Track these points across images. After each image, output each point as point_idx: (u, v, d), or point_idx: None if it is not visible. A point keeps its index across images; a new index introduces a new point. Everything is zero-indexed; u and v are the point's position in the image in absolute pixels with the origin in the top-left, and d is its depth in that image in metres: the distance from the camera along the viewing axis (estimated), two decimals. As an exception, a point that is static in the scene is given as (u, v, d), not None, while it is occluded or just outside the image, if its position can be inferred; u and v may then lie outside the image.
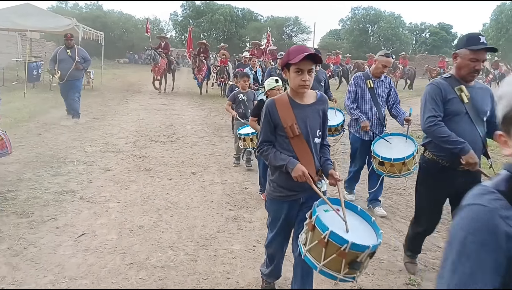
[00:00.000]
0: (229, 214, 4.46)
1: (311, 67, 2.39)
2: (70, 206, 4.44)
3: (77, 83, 9.46)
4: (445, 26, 61.59)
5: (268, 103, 2.55)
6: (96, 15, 46.96)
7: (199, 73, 16.47)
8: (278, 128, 2.50)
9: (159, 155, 6.90)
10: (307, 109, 2.52)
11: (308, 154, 2.48)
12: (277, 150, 2.51)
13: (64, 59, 9.24)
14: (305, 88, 2.42)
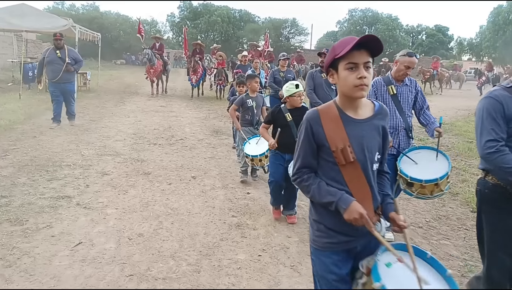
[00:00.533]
0: (232, 221, 4.29)
1: (369, 60, 1.75)
2: (66, 213, 4.26)
3: (70, 87, 8.97)
4: (441, 28, 61.78)
5: (310, 116, 1.90)
6: (92, 16, 46.80)
7: (194, 74, 15.97)
8: (323, 151, 1.87)
9: (158, 158, 6.73)
10: (364, 126, 1.85)
11: (364, 187, 1.84)
12: (322, 180, 1.88)
13: (54, 60, 8.66)
14: (364, 90, 1.75)
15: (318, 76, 6.35)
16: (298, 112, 4.11)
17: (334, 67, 1.84)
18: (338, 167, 1.84)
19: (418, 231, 4.28)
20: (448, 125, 11.69)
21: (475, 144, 8.93)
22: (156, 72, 16.00)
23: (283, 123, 4.15)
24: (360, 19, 57.25)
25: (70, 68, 8.70)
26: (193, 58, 15.88)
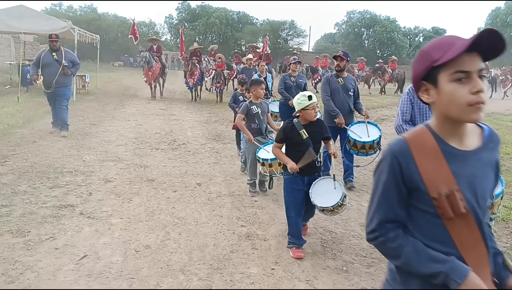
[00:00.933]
0: (241, 231, 4.15)
1: (482, 66, 1.26)
2: (70, 223, 4.11)
3: (65, 91, 8.33)
4: (438, 30, 61.98)
5: (397, 148, 1.35)
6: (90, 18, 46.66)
7: (190, 77, 15.37)
8: (418, 198, 1.34)
9: (161, 164, 6.59)
10: (473, 160, 1.33)
11: (480, 248, 1.32)
12: (417, 240, 1.34)
13: (50, 63, 8.06)
14: (481, 111, 1.24)
15: (335, 80, 5.75)
16: (314, 127, 3.68)
17: (431, 79, 1.30)
18: (442, 221, 1.30)
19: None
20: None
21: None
22: (154, 75, 15.54)
23: (298, 141, 3.65)
24: (358, 21, 57.34)
25: (67, 72, 8.17)
26: (191, 60, 15.43)
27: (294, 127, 3.69)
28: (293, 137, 3.69)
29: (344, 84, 5.73)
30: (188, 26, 53.79)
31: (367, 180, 6.16)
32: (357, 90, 5.88)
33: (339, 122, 5.49)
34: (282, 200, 4.75)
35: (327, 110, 5.68)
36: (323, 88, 5.80)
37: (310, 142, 3.64)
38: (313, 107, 3.58)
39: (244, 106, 5.29)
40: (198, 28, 52.19)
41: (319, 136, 3.75)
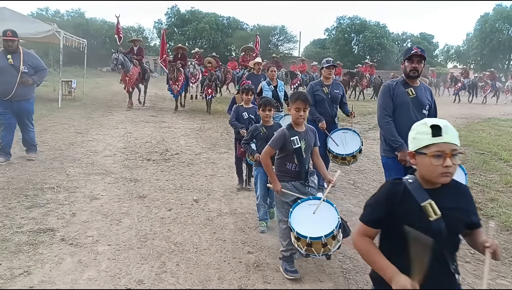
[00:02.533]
0: (248, 259, 3.60)
1: None
2: (48, 252, 3.52)
3: (27, 106, 6.51)
4: (426, 36, 62.43)
5: None
6: (78, 22, 45.85)
7: (175, 84, 13.80)
8: None
9: (153, 177, 6.01)
10: None
11: None
12: None
13: (3, 68, 6.14)
14: None
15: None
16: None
17: None
18: None
19: (467, 267, 3.65)
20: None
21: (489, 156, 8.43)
22: (132, 80, 13.82)
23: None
24: (348, 27, 57.21)
25: (27, 80, 6.27)
26: (175, 65, 13.80)
27: None
28: None
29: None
30: (177, 32, 53.21)
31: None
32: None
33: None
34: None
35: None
36: None
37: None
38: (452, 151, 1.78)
39: (281, 135, 3.35)
40: (188, 33, 51.59)
41: None
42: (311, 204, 3.05)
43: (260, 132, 4.33)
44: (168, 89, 14.43)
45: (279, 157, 3.44)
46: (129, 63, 13.51)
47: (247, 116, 5.31)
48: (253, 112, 5.33)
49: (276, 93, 6.90)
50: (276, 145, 3.35)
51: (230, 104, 6.21)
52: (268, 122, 4.38)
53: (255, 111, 5.26)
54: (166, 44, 16.34)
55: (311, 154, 3.45)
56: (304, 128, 3.39)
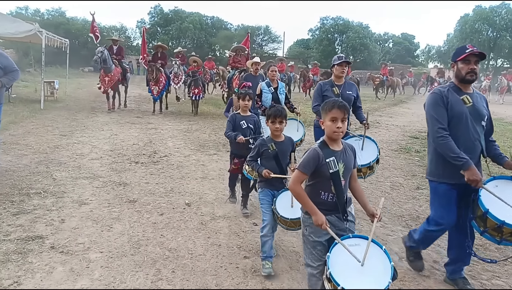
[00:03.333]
0: (245, 264, 3.55)
1: None
2: (38, 261, 3.40)
3: None
4: (407, 36, 63.35)
5: None
6: (59, 22, 45.03)
7: (155, 85, 13.06)
8: None
9: (143, 180, 5.90)
10: None
11: None
12: None
13: None
14: None
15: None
16: None
17: None
18: None
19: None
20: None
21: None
22: (113, 81, 12.87)
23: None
24: (332, 27, 57.64)
25: None
26: (154, 65, 13.01)
27: None
28: None
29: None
30: (161, 31, 52.75)
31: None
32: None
33: None
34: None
35: None
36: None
37: None
38: None
39: (313, 155, 2.58)
40: (172, 33, 51.20)
41: None
42: (351, 244, 2.42)
43: (269, 149, 3.56)
44: (149, 91, 13.66)
45: (309, 184, 2.68)
46: (111, 62, 12.81)
47: (245, 126, 4.63)
48: (252, 121, 4.67)
49: (276, 95, 6.38)
50: (308, 168, 2.55)
51: (227, 106, 5.92)
52: (278, 137, 3.59)
53: (254, 120, 4.69)
54: (146, 43, 15.44)
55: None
56: (342, 146, 2.63)
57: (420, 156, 8.29)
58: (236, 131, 4.57)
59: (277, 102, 6.03)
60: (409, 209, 5.27)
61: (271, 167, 3.51)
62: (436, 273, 3.59)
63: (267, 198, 3.54)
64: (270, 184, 3.57)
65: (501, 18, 46.16)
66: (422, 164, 7.60)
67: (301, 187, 2.59)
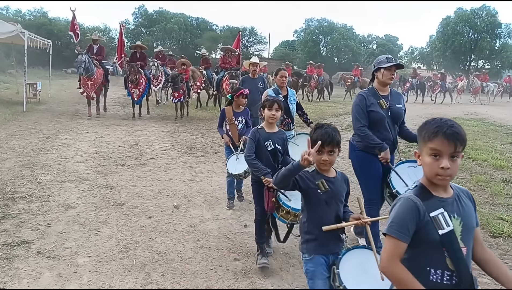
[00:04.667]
0: (235, 266, 3.54)
1: None
2: (25, 266, 3.34)
3: None
4: (391, 38, 64.07)
5: None
6: (41, 22, 44.29)
7: (136, 88, 11.97)
8: None
9: (130, 183, 5.85)
10: None
11: None
12: None
13: None
14: None
15: None
16: None
17: None
18: None
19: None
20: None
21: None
22: (96, 85, 11.95)
23: None
24: (317, 29, 58.02)
25: None
26: (136, 65, 12.00)
27: None
28: None
29: None
30: (145, 32, 52.37)
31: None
32: None
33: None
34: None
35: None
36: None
37: None
38: None
39: (409, 208, 1.67)
40: (156, 34, 50.87)
41: None
42: None
43: (318, 189, 2.40)
44: (128, 94, 12.59)
45: (407, 257, 1.68)
46: (93, 66, 11.92)
47: (271, 147, 3.39)
48: (280, 139, 3.45)
49: (286, 104, 5.17)
50: (405, 232, 1.63)
51: (219, 120, 5.09)
52: (327, 171, 2.45)
53: (283, 139, 3.48)
54: (124, 42, 14.09)
55: None
56: (452, 191, 1.74)
57: (405, 156, 8.39)
58: (259, 155, 3.38)
59: (287, 113, 5.14)
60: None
61: (322, 218, 2.38)
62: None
63: (320, 271, 2.36)
64: (321, 245, 2.39)
65: (482, 20, 47.08)
66: (408, 164, 7.69)
67: (402, 266, 1.63)
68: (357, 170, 3.88)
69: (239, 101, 4.91)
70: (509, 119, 16.75)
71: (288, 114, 5.20)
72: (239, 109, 4.99)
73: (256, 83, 6.71)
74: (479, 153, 8.70)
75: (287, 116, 5.22)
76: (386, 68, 3.63)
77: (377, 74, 3.74)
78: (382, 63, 3.66)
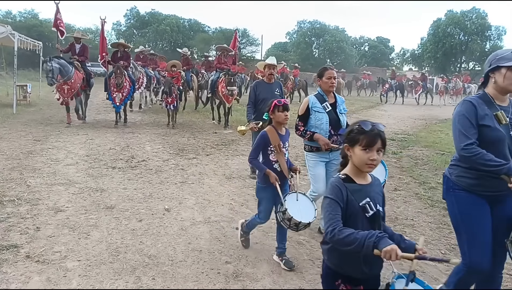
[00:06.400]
0: (227, 269, 3.53)
1: None
2: (14, 271, 3.30)
3: None
4: (383, 40, 64.47)
5: None
6: (31, 24, 43.94)
7: (119, 91, 10.80)
8: None
9: (120, 186, 5.80)
10: None
11: None
12: None
13: None
14: None
15: None
16: None
17: None
18: None
19: (440, 268, 3.75)
20: (413, 136, 11.59)
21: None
22: (74, 90, 10.53)
23: None
24: (309, 31, 58.24)
25: None
26: (122, 66, 10.92)
27: None
28: None
29: None
30: (137, 33, 52.18)
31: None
32: None
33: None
34: (265, 225, 4.21)
35: None
36: None
37: None
38: None
39: None
40: (148, 35, 50.70)
41: None
42: None
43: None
44: (108, 98, 11.25)
45: None
46: (69, 68, 10.42)
47: (373, 210, 2.04)
48: (379, 193, 2.14)
49: (335, 116, 4.07)
50: None
51: (254, 150, 3.61)
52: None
53: (381, 191, 2.18)
54: (106, 39, 12.60)
55: None
56: None
57: (396, 158, 8.44)
58: (351, 224, 1.98)
59: (337, 127, 4.03)
60: (387, 211, 5.34)
61: None
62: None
63: None
64: None
65: (472, 22, 47.62)
66: (399, 165, 7.74)
67: None
68: (457, 218, 2.74)
69: (279, 118, 3.49)
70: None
71: (337, 127, 4.04)
72: (282, 131, 3.60)
73: (272, 89, 5.79)
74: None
75: (336, 132, 4.04)
76: (510, 67, 2.53)
77: (494, 75, 2.63)
78: (506, 60, 2.56)
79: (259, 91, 5.83)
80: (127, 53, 12.02)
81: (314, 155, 4.17)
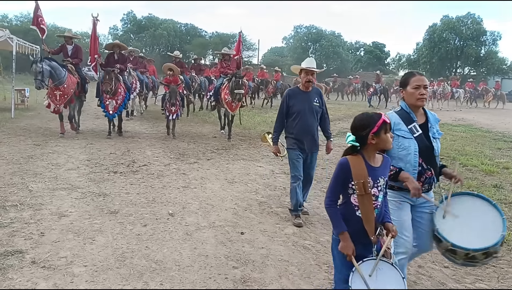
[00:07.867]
0: (234, 274, 3.51)
1: None
2: (20, 277, 3.27)
3: None
4: (378, 45, 64.86)
5: None
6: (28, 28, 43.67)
7: (112, 98, 9.80)
8: None
9: (123, 191, 5.78)
10: None
11: None
12: None
13: None
14: None
15: None
16: None
17: None
18: None
19: (446, 272, 3.76)
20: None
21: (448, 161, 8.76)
22: (67, 96, 9.51)
23: None
24: (305, 36, 58.52)
25: None
26: (113, 71, 9.65)
27: None
28: None
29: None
30: (134, 38, 52.17)
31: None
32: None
33: None
34: (270, 229, 4.22)
35: None
36: None
37: None
38: None
39: None
40: (145, 40, 50.71)
41: None
42: None
43: None
44: (100, 105, 10.15)
45: None
46: (61, 71, 9.44)
47: None
48: None
49: (427, 142, 2.92)
50: None
51: (332, 187, 2.47)
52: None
53: None
54: (98, 40, 11.20)
55: None
56: None
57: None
58: None
59: (429, 158, 2.92)
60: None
61: None
62: (422, 277, 3.66)
63: None
64: None
65: (467, 28, 48.04)
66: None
67: None
68: None
69: (385, 142, 2.38)
70: (496, 125, 17.05)
71: (431, 157, 2.91)
72: (375, 161, 2.43)
73: (310, 99, 4.73)
74: (468, 159, 8.82)
75: (428, 165, 2.91)
76: None
77: None
78: None
79: (292, 102, 4.70)
80: (123, 55, 10.98)
81: (397, 194, 2.92)
